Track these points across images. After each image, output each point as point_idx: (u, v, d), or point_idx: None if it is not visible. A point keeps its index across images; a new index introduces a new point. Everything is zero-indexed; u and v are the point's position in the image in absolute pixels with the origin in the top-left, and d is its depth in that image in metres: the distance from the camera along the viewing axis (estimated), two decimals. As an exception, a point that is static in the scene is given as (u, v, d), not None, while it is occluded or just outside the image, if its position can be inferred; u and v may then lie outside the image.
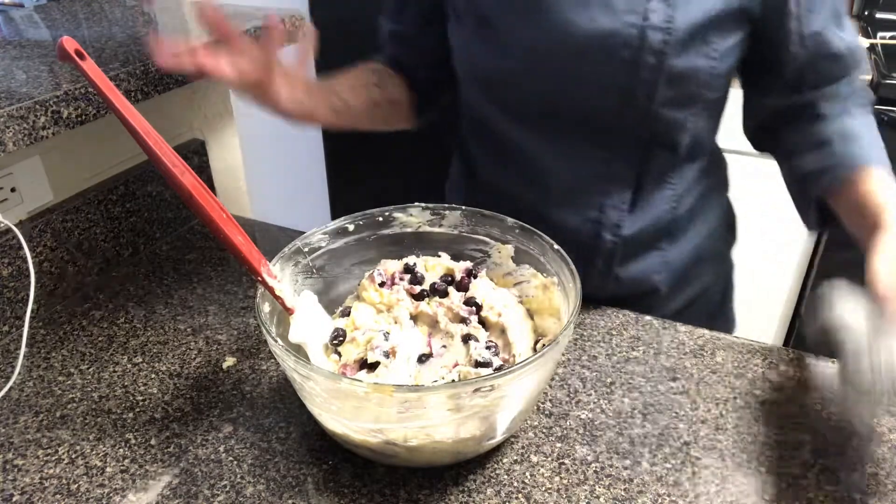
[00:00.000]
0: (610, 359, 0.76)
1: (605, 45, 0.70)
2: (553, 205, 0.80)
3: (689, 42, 0.69)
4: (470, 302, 0.68)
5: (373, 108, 0.86)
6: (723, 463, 0.63)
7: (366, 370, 0.63)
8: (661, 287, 0.85)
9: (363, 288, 0.72)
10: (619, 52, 0.69)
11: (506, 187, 0.84)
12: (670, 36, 0.68)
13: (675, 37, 0.68)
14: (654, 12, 0.68)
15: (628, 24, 0.68)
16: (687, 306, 0.88)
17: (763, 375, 0.73)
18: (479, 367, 0.62)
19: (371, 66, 0.89)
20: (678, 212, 0.82)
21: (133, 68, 0.81)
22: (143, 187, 0.95)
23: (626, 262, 0.82)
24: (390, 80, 0.88)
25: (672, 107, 0.73)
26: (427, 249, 0.76)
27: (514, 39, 0.73)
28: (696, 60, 0.70)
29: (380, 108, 0.87)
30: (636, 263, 0.83)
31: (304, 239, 0.71)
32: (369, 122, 0.87)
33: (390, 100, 0.88)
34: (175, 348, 0.78)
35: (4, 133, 0.69)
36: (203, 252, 0.97)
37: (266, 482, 0.61)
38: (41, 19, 1.05)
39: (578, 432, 0.66)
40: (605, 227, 0.80)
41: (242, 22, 1.01)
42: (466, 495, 0.60)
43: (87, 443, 0.65)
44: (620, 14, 0.69)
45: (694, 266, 0.87)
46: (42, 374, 0.74)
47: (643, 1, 0.68)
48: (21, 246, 0.76)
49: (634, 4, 0.68)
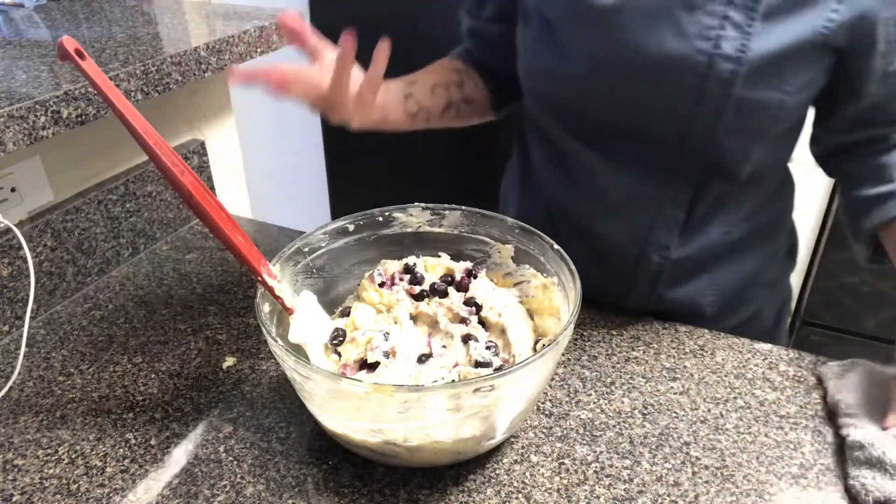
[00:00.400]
0: (610, 359, 0.76)
1: (669, 70, 0.67)
2: (603, 218, 0.79)
3: (761, 74, 0.65)
4: (470, 302, 0.68)
5: (448, 108, 0.85)
6: (723, 463, 0.63)
7: (366, 370, 0.63)
8: (707, 310, 0.83)
9: (363, 288, 0.72)
10: (685, 79, 0.67)
11: (559, 195, 0.82)
12: (741, 66, 0.65)
13: (746, 67, 0.65)
14: (727, 40, 0.64)
15: (697, 51, 0.65)
16: (736, 329, 0.83)
17: (763, 375, 0.73)
18: (479, 367, 0.62)
19: (453, 65, 0.88)
20: (733, 237, 0.79)
21: (133, 68, 0.81)
22: (143, 187, 0.95)
23: (673, 285, 0.80)
24: (469, 78, 0.87)
25: (737, 137, 0.70)
26: (427, 249, 0.76)
27: (576, 49, 0.71)
28: (767, 93, 0.67)
29: (455, 107, 0.86)
30: (683, 286, 0.81)
31: (304, 239, 0.71)
32: (442, 122, 0.86)
33: (466, 98, 0.86)
34: (175, 348, 0.78)
35: (4, 133, 0.69)
36: (203, 252, 0.97)
37: (266, 482, 0.61)
38: (41, 19, 1.05)
39: (578, 432, 0.66)
40: (653, 247, 0.78)
41: (243, 22, 1.01)
42: (466, 495, 0.60)
43: (87, 443, 0.65)
44: (691, 39, 0.65)
45: (746, 290, 0.84)
46: (42, 374, 0.74)
47: (717, 27, 0.65)
48: (21, 246, 0.76)
49: (706, 31, 0.65)
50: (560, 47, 0.72)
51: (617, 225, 0.78)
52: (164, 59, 0.85)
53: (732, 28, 0.64)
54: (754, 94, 0.66)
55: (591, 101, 0.73)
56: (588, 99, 0.73)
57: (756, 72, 0.65)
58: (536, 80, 0.78)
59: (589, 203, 0.79)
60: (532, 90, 0.80)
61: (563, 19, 0.71)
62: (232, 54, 0.96)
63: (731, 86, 0.65)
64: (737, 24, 0.64)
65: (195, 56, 0.89)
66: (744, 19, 0.64)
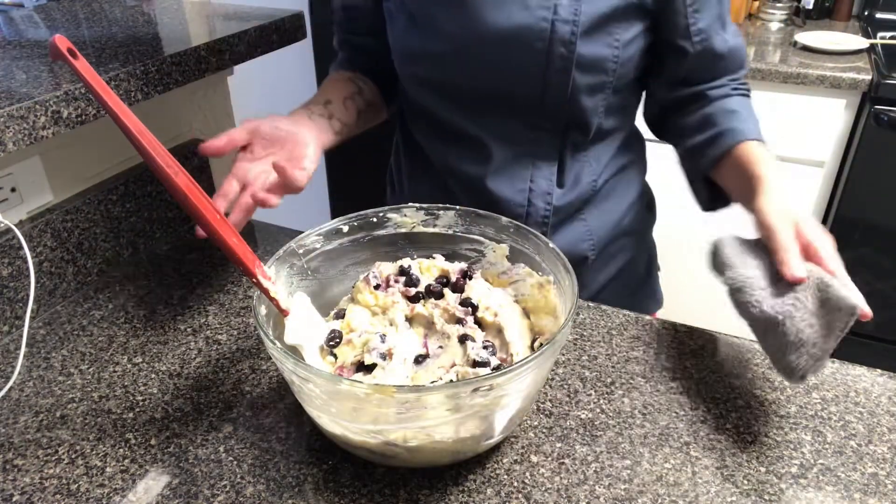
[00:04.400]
0: (610, 359, 0.76)
1: (520, 38, 0.78)
2: (491, 178, 0.88)
3: (594, 32, 0.78)
4: (466, 302, 0.68)
5: (359, 116, 0.92)
6: (723, 463, 0.63)
7: (362, 372, 0.63)
8: (589, 255, 0.92)
9: (358, 290, 0.72)
10: (534, 44, 0.78)
11: (449, 164, 0.91)
12: (577, 27, 0.77)
13: (581, 28, 0.77)
14: (563, 6, 0.76)
15: (540, 19, 0.77)
16: (614, 278, 0.97)
17: (763, 375, 0.73)
18: (477, 367, 0.61)
19: (344, 76, 0.95)
20: (597, 185, 0.90)
21: (133, 68, 0.81)
22: (143, 187, 0.95)
23: (557, 232, 0.90)
24: (363, 83, 0.95)
25: (584, 92, 0.81)
26: (421, 250, 0.76)
27: (439, 30, 0.81)
28: (601, 49, 0.79)
29: (363, 114, 0.94)
30: (565, 232, 0.91)
31: (299, 240, 0.71)
32: (358, 129, 0.93)
33: (368, 103, 0.95)
34: (175, 348, 0.78)
35: (4, 133, 0.69)
36: (203, 252, 0.97)
37: (266, 482, 0.61)
38: (41, 19, 1.05)
39: (578, 432, 0.66)
40: (537, 196, 0.88)
41: (243, 22, 1.01)
42: (466, 495, 0.60)
43: (87, 443, 0.65)
44: (533, 9, 0.77)
45: (617, 239, 0.95)
46: (42, 374, 0.74)
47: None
48: (21, 246, 0.76)
49: (545, 1, 0.76)
50: (424, 31, 0.82)
51: (503, 181, 0.88)
52: (164, 59, 0.85)
53: None
54: (592, 51, 0.78)
55: (459, 74, 0.83)
56: (456, 72, 0.83)
57: (589, 31, 0.77)
58: (411, 64, 0.87)
59: (477, 167, 0.89)
60: (409, 74, 0.89)
61: (423, 6, 0.81)
62: (232, 54, 0.96)
63: (572, 45, 0.77)
64: None
65: (195, 56, 0.89)
66: None
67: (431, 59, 0.84)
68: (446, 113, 0.88)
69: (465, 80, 0.83)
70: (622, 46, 0.80)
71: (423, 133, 0.94)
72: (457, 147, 0.90)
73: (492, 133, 0.86)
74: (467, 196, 0.91)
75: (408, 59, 0.87)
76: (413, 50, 0.85)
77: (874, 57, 1.79)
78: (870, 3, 2.13)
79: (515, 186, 0.88)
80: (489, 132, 0.86)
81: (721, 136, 0.82)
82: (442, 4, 0.80)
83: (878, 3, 2.11)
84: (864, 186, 1.76)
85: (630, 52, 0.81)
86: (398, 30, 0.86)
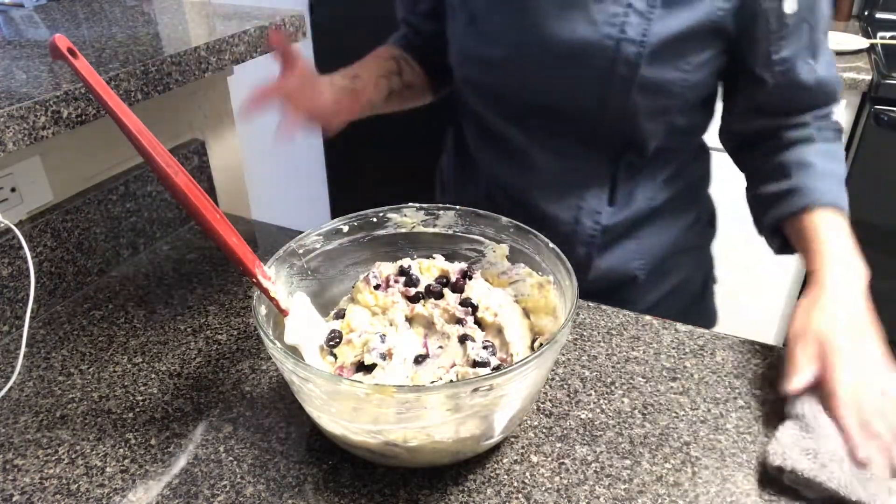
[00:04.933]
0: (610, 359, 0.76)
1: (582, 54, 0.74)
2: (538, 192, 0.85)
3: (662, 54, 0.73)
4: (466, 303, 0.68)
5: (390, 96, 0.90)
6: (723, 463, 0.63)
7: (362, 373, 0.63)
8: (639, 275, 0.88)
9: (358, 290, 0.72)
10: (595, 62, 0.74)
11: (496, 174, 0.89)
12: (644, 48, 0.72)
13: (648, 49, 0.72)
14: (631, 25, 0.72)
15: (605, 36, 0.72)
16: (666, 296, 0.91)
17: (763, 375, 0.73)
18: (477, 367, 0.61)
19: (391, 52, 0.94)
20: (654, 204, 0.85)
21: (133, 68, 0.81)
22: (143, 187, 0.95)
23: (605, 251, 0.86)
24: (407, 65, 0.93)
25: (645, 114, 0.77)
26: (421, 250, 0.76)
27: (498, 35, 0.78)
28: (668, 72, 0.74)
29: (397, 94, 0.92)
30: (615, 252, 0.86)
31: (299, 240, 0.71)
32: (385, 109, 0.92)
33: (406, 84, 0.92)
34: (175, 348, 0.78)
35: (4, 133, 0.69)
36: (203, 252, 0.97)
37: (266, 482, 0.61)
38: (41, 19, 1.05)
39: (578, 432, 0.66)
40: (586, 214, 0.84)
41: (243, 22, 1.01)
42: (466, 495, 0.60)
43: (87, 443, 0.65)
44: (599, 26, 0.73)
45: (672, 257, 0.90)
46: (42, 374, 0.74)
47: (622, 15, 0.72)
48: (21, 246, 0.76)
49: (613, 18, 0.72)
50: (483, 34, 0.79)
51: (551, 197, 0.85)
52: (164, 59, 0.85)
53: (635, 14, 0.72)
54: (657, 74, 0.74)
55: (514, 82, 0.80)
56: (511, 81, 0.80)
57: (657, 53, 0.72)
58: (466, 66, 0.85)
59: (523, 179, 0.86)
60: (463, 76, 0.86)
61: (485, 9, 0.78)
62: (232, 54, 0.96)
63: (636, 66, 0.73)
64: (639, 11, 0.72)
65: (195, 56, 0.89)
66: (645, 7, 0.72)
67: (486, 64, 0.81)
68: (495, 120, 0.85)
69: (518, 90, 0.80)
70: (692, 70, 0.75)
71: (473, 137, 0.91)
72: (503, 156, 0.87)
73: (541, 146, 0.83)
74: (511, 207, 0.87)
75: (463, 60, 0.84)
76: (469, 51, 0.82)
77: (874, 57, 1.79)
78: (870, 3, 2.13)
79: (563, 203, 0.84)
80: (538, 145, 0.83)
81: (791, 195, 0.76)
82: (504, 8, 0.77)
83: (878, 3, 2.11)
84: (864, 186, 1.76)
85: (701, 75, 0.76)
86: (457, 28, 0.83)
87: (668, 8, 0.72)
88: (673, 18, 0.72)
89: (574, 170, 0.82)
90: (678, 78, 0.74)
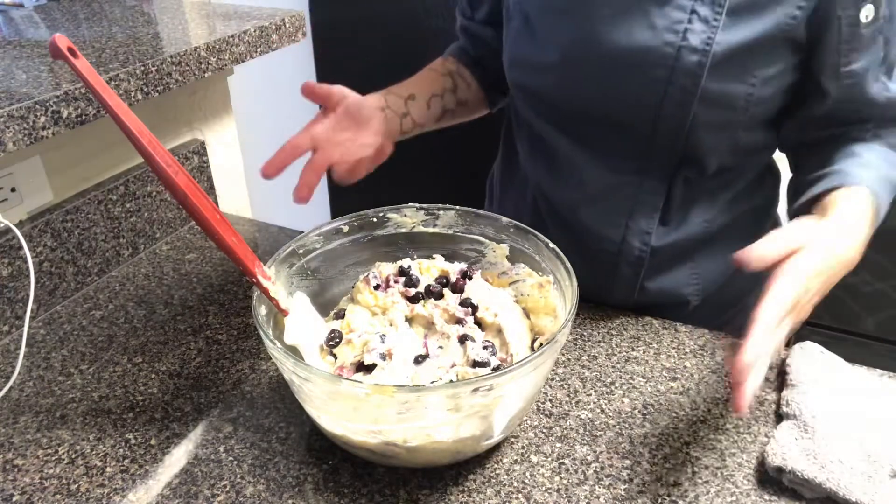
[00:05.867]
0: (610, 359, 0.76)
1: (638, 62, 0.69)
2: (584, 206, 0.80)
3: (727, 66, 0.67)
4: (466, 303, 0.68)
5: (443, 115, 0.89)
6: (723, 463, 0.63)
7: (362, 373, 0.63)
8: (691, 300, 0.83)
9: (358, 291, 0.72)
10: (653, 71, 0.68)
11: (543, 185, 0.84)
12: (707, 58, 0.66)
13: (712, 60, 0.66)
14: (694, 33, 0.66)
15: (665, 43, 0.67)
16: (724, 325, 0.82)
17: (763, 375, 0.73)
18: (477, 367, 0.61)
19: (446, 67, 0.91)
20: (712, 227, 0.79)
21: (133, 68, 0.81)
22: (143, 187, 0.95)
23: (655, 274, 0.81)
24: (462, 80, 0.91)
25: (705, 129, 0.71)
26: (421, 250, 0.76)
27: (551, 39, 0.74)
28: (733, 86, 0.68)
29: (450, 112, 0.89)
30: (665, 276, 0.81)
31: (299, 240, 0.71)
32: (439, 125, 0.90)
33: (460, 102, 0.90)
34: (175, 348, 0.78)
35: (4, 133, 0.69)
36: (203, 252, 0.97)
37: (266, 482, 0.61)
38: (41, 19, 1.05)
39: (578, 432, 0.66)
40: (634, 234, 0.78)
41: (243, 22, 1.01)
42: (466, 495, 0.60)
43: (87, 443, 0.65)
44: (660, 31, 0.67)
45: (731, 283, 0.83)
46: (42, 374, 0.74)
47: (685, 21, 0.67)
48: (21, 246, 0.76)
49: (675, 24, 0.67)
50: (537, 38, 0.75)
51: (598, 213, 0.79)
52: (164, 59, 0.85)
53: (699, 21, 0.66)
54: (721, 87, 0.68)
55: (566, 89, 0.75)
56: (563, 87, 0.75)
57: (722, 64, 0.67)
58: (517, 70, 0.80)
59: (570, 192, 0.81)
60: (514, 81, 0.82)
61: (540, 11, 0.74)
62: (232, 54, 0.96)
63: (697, 77, 0.67)
64: (704, 17, 0.66)
65: (195, 56, 0.89)
66: (710, 13, 0.66)
67: (538, 69, 0.76)
68: (546, 128, 0.81)
69: (570, 97, 0.75)
70: (760, 84, 0.68)
71: (524, 145, 0.87)
72: (552, 167, 0.82)
73: (590, 158, 0.78)
74: (555, 222, 0.83)
75: (515, 65, 0.80)
76: (521, 56, 0.78)
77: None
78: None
79: (610, 220, 0.79)
80: (588, 157, 0.78)
81: (827, 177, 0.70)
82: (560, 11, 0.72)
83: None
84: (864, 186, 1.75)
85: (769, 90, 0.70)
86: (512, 31, 0.79)
87: (736, 16, 0.66)
88: (740, 27, 0.66)
89: (625, 184, 0.77)
90: (744, 92, 0.69)
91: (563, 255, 0.66)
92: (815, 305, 0.61)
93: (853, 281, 1.71)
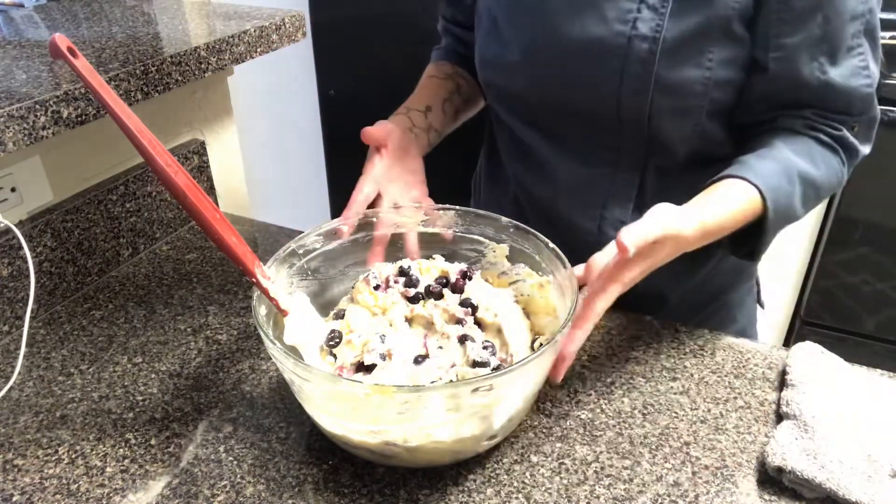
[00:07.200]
0: (610, 359, 0.76)
1: (594, 53, 0.71)
2: (561, 200, 0.82)
3: (680, 50, 0.68)
4: (465, 303, 0.68)
5: (456, 116, 0.90)
6: (723, 463, 0.63)
7: (362, 373, 0.63)
8: (668, 295, 0.83)
9: (358, 291, 0.71)
10: (607, 60, 0.70)
11: (523, 181, 0.86)
12: (657, 45, 0.68)
13: (663, 45, 0.68)
14: (643, 21, 0.68)
15: (617, 33, 0.69)
16: (703, 322, 0.83)
17: (763, 375, 0.73)
18: (477, 367, 0.61)
19: (443, 70, 0.93)
20: None
21: (133, 68, 0.81)
22: (143, 187, 0.95)
23: None
24: (461, 78, 0.93)
25: (668, 115, 0.72)
26: (422, 250, 0.76)
27: (514, 37, 0.76)
28: (688, 71, 0.69)
29: (461, 111, 0.92)
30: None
31: (299, 240, 0.71)
32: (453, 128, 0.92)
33: (466, 99, 0.92)
34: (175, 348, 0.78)
35: (4, 133, 0.69)
36: (203, 252, 0.97)
37: (266, 482, 0.61)
38: (41, 19, 1.05)
39: (578, 432, 0.66)
40: (609, 224, 0.80)
41: (243, 22, 1.01)
42: (466, 495, 0.60)
43: (87, 443, 0.65)
44: (611, 22, 0.69)
45: (710, 278, 0.83)
46: (42, 374, 0.74)
47: (634, 11, 0.69)
48: (21, 246, 0.76)
49: (625, 14, 0.69)
50: (502, 38, 0.78)
51: (573, 205, 0.81)
52: (164, 59, 0.85)
53: (648, 10, 0.68)
54: (675, 73, 0.69)
55: (532, 86, 0.77)
56: (529, 85, 0.78)
57: (673, 50, 0.68)
58: (487, 70, 0.83)
59: (546, 186, 0.83)
60: (485, 80, 0.84)
61: (504, 12, 0.77)
62: (232, 54, 0.96)
63: (650, 65, 0.69)
64: (652, 5, 0.68)
65: (195, 56, 0.89)
66: (658, 1, 0.68)
67: (506, 68, 0.79)
68: (518, 126, 0.83)
69: (537, 95, 0.78)
70: (717, 66, 0.69)
71: (503, 143, 0.89)
72: (527, 163, 0.85)
73: (561, 152, 0.80)
74: (536, 215, 0.85)
75: (485, 65, 0.82)
76: (490, 56, 0.81)
77: (874, 57, 1.79)
78: (870, 3, 2.12)
79: (586, 211, 0.80)
80: (558, 151, 0.80)
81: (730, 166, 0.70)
82: (521, 11, 0.75)
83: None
84: (863, 186, 1.76)
85: (728, 73, 0.70)
86: (482, 33, 0.82)
87: (685, 1, 0.67)
88: (689, 12, 0.67)
89: (597, 176, 0.79)
90: (701, 76, 0.69)
91: (563, 255, 0.66)
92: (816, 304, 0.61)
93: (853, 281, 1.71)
